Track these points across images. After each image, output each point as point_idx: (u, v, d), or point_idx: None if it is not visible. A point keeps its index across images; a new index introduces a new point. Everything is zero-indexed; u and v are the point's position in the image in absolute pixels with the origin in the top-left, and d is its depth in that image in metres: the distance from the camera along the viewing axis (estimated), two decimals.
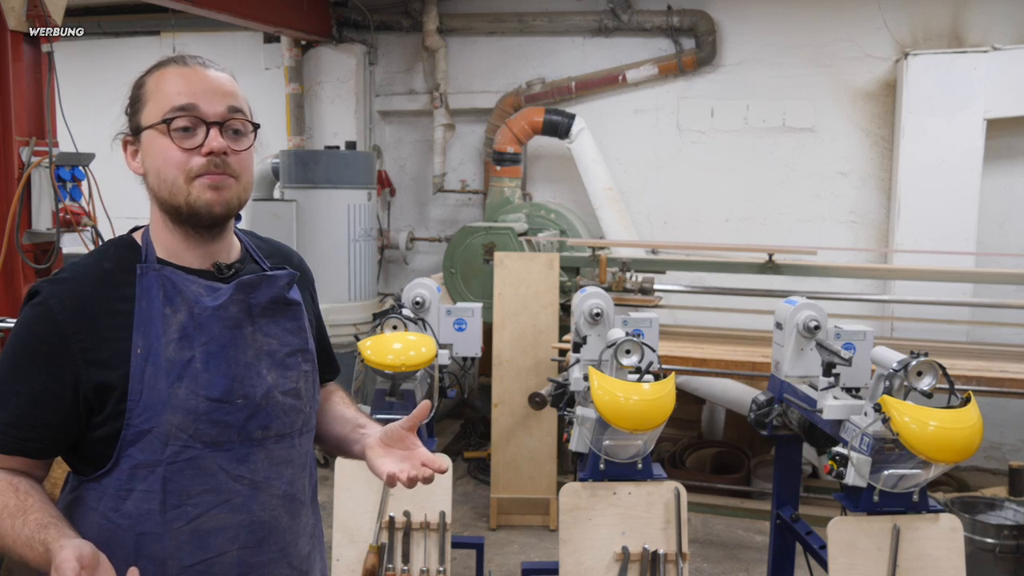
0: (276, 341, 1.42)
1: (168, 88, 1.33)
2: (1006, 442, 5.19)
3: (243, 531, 1.36)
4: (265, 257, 1.51)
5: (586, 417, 2.71)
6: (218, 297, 1.35)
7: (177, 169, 1.31)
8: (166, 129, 1.31)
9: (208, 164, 1.31)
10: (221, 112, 1.33)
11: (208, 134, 1.31)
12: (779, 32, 5.46)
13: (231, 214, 1.37)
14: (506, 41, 6.00)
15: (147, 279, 1.33)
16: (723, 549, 4.25)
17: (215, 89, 1.34)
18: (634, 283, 4.36)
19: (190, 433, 1.30)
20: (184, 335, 1.32)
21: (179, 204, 1.32)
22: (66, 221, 3.72)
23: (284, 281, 1.43)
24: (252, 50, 6.51)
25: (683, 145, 5.71)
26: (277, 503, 1.40)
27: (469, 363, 3.43)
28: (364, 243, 5.31)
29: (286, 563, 1.43)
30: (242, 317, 1.37)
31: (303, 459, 1.48)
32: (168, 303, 1.32)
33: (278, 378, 1.40)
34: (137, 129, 1.37)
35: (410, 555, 2.78)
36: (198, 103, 1.32)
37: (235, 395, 1.34)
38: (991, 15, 5.06)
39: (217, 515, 1.33)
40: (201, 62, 1.37)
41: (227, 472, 1.34)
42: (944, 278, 4.42)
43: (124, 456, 1.30)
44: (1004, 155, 5.00)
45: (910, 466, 2.37)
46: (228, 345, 1.35)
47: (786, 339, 2.82)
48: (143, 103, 1.36)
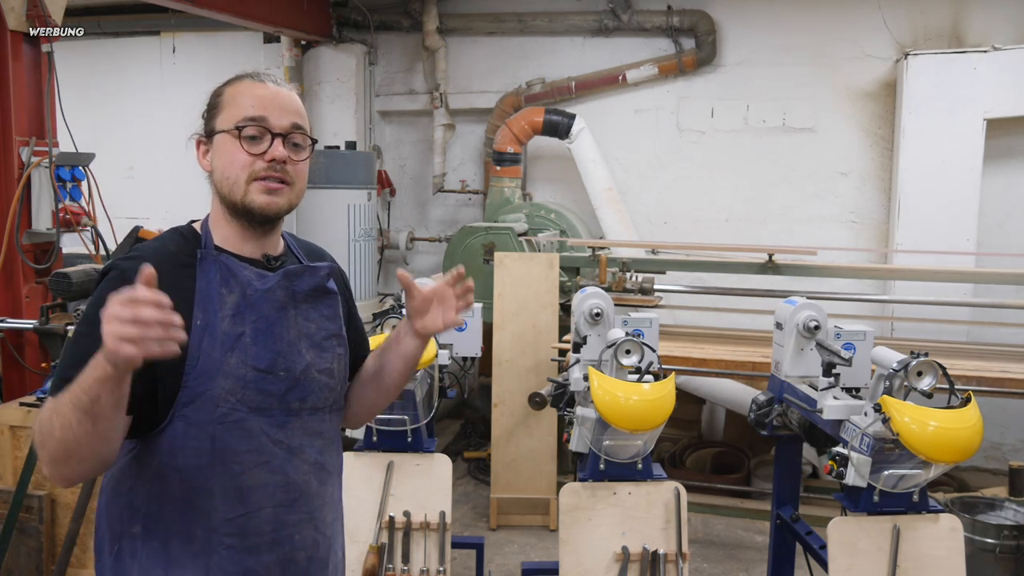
0: (315, 325, 1.59)
1: (242, 100, 1.50)
2: (1006, 442, 5.19)
3: (279, 490, 1.51)
4: (304, 254, 1.68)
5: (586, 417, 2.71)
6: (267, 282, 1.53)
7: (241, 169, 1.48)
8: (237, 135, 1.48)
9: (269, 168, 1.49)
10: (286, 126, 1.51)
11: (272, 143, 1.49)
12: (779, 32, 5.46)
13: (281, 215, 1.54)
14: (506, 41, 6.00)
15: (206, 263, 1.49)
16: (723, 549, 4.25)
17: (284, 106, 1.52)
18: (634, 283, 4.36)
19: (238, 398, 1.46)
20: (237, 312, 1.48)
21: (236, 201, 1.50)
22: (66, 221, 3.72)
23: (324, 272, 1.63)
24: (252, 50, 6.51)
25: (683, 145, 5.71)
26: (308, 469, 1.55)
27: (469, 363, 3.43)
28: (364, 243, 5.31)
29: (312, 526, 1.57)
30: (287, 301, 1.55)
31: (332, 434, 1.64)
32: (224, 284, 1.49)
33: (315, 357, 1.57)
34: (211, 132, 1.53)
35: (410, 555, 2.78)
36: (268, 116, 1.49)
37: (278, 368, 1.51)
38: (991, 15, 5.06)
39: (258, 473, 1.48)
40: (274, 80, 1.55)
41: (268, 436, 1.49)
42: (944, 278, 4.42)
43: (179, 415, 1.43)
44: (1004, 155, 5.00)
45: (910, 466, 2.37)
46: (275, 323, 1.52)
47: (786, 339, 2.82)
48: (219, 110, 1.52)
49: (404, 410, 2.83)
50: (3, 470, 3.25)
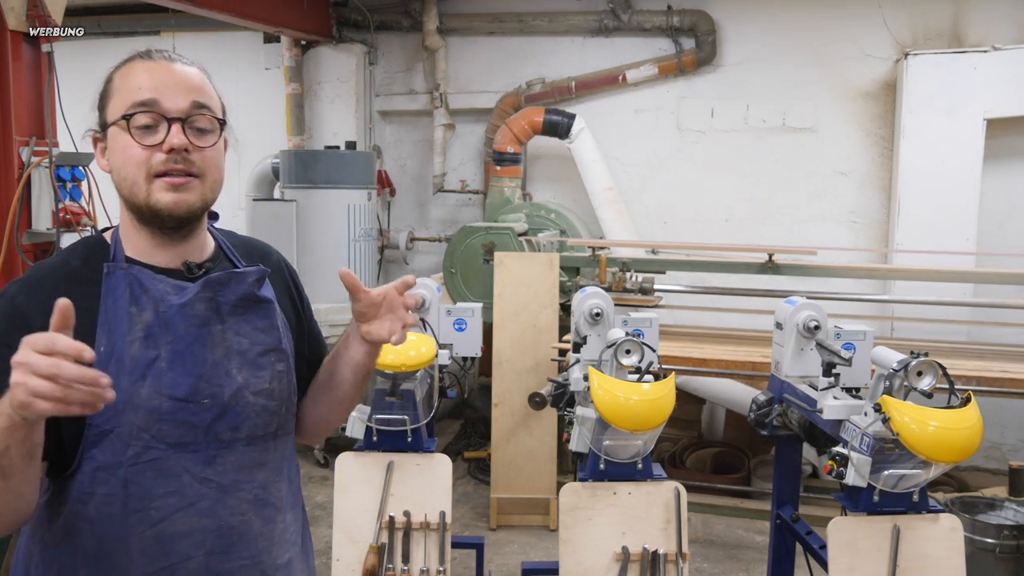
0: (247, 340, 1.37)
1: (131, 83, 1.29)
2: (1006, 442, 5.19)
3: (210, 536, 1.32)
4: (241, 256, 1.46)
5: (586, 417, 2.70)
6: (185, 294, 1.31)
7: (137, 167, 1.27)
8: (127, 125, 1.27)
9: (168, 161, 1.27)
10: (184, 108, 1.28)
11: (170, 130, 1.27)
12: (779, 32, 5.46)
13: (194, 215, 1.33)
14: (506, 41, 6.00)
15: (114, 278, 1.30)
16: (723, 549, 4.25)
17: (179, 84, 1.30)
18: (634, 283, 4.36)
19: (152, 434, 1.27)
20: (149, 334, 1.28)
21: (139, 203, 1.29)
22: (66, 221, 3.72)
23: (253, 278, 1.39)
24: (252, 50, 6.50)
25: (683, 145, 5.71)
26: (247, 508, 1.36)
27: (469, 363, 3.42)
28: (364, 243, 5.31)
29: (258, 570, 1.38)
30: (210, 315, 1.33)
31: (279, 463, 1.44)
32: (134, 302, 1.29)
33: (249, 377, 1.36)
34: (104, 125, 1.32)
35: (410, 555, 2.78)
36: (159, 98, 1.27)
37: (201, 394, 1.30)
38: (991, 15, 5.06)
39: (181, 519, 1.29)
40: (167, 56, 1.32)
41: (192, 474, 1.29)
42: (944, 278, 4.42)
43: (86, 458, 1.26)
44: (1004, 155, 5.00)
45: (910, 466, 2.37)
46: (195, 343, 1.31)
47: (786, 339, 2.82)
48: (109, 98, 1.31)
49: (404, 410, 2.83)
50: None
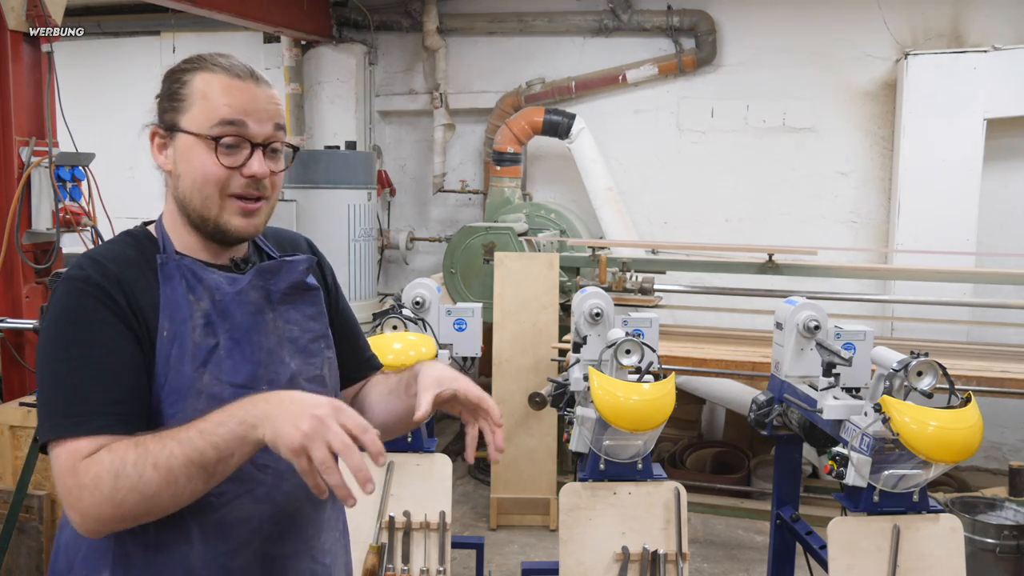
0: (297, 327, 1.40)
1: (217, 98, 1.28)
2: (1006, 442, 5.19)
3: (266, 522, 1.33)
4: (274, 246, 1.49)
5: (586, 417, 2.70)
6: (238, 283, 1.33)
7: (216, 185, 1.29)
8: (214, 145, 1.28)
9: (248, 186, 1.30)
10: (268, 133, 1.31)
11: (252, 154, 1.30)
12: (779, 32, 5.46)
13: (257, 234, 1.39)
14: (506, 41, 6.00)
15: (168, 268, 1.31)
16: (723, 549, 4.25)
17: (264, 108, 1.31)
18: (634, 283, 4.36)
19: None
20: (208, 322, 1.30)
21: (208, 218, 1.31)
22: (66, 221, 3.72)
23: (304, 266, 1.42)
24: (252, 50, 6.49)
25: (683, 145, 5.71)
26: (301, 494, 1.35)
27: (469, 363, 3.42)
28: (364, 243, 5.31)
29: (309, 556, 1.40)
30: (262, 303, 1.36)
31: None
32: (191, 291, 1.30)
33: (302, 364, 1.39)
34: (173, 127, 1.31)
35: (410, 555, 2.78)
36: (247, 121, 1.29)
37: (260, 381, 1.32)
38: (991, 15, 5.06)
39: (240, 505, 1.30)
40: (251, 73, 1.33)
41: (251, 460, 1.25)
42: (944, 278, 4.42)
43: None
44: (1004, 155, 5.00)
45: (910, 466, 2.37)
46: (251, 331, 1.33)
47: (786, 339, 2.82)
48: (187, 104, 1.30)
49: None
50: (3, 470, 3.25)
